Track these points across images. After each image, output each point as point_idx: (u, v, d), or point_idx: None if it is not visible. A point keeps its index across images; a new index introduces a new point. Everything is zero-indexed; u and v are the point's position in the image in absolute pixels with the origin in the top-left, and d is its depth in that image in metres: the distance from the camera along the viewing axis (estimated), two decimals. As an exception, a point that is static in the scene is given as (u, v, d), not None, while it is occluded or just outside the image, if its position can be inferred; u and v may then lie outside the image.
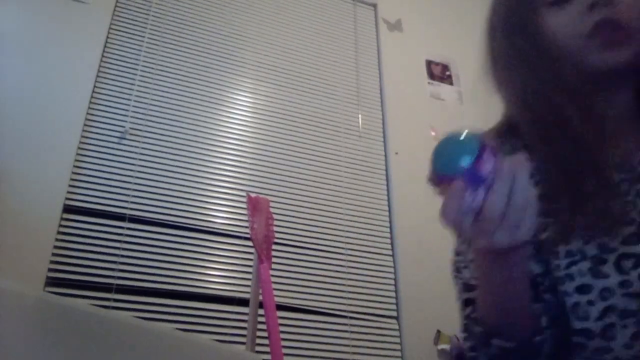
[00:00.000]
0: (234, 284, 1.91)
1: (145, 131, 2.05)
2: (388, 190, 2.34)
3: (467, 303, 0.64)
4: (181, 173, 2.03)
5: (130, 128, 2.03)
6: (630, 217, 0.57)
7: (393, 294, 2.13)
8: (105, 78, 2.08)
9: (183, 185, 2.01)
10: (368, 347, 2.00)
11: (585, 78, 0.62)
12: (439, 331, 2.04)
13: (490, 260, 0.52)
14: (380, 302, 2.10)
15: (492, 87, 0.69)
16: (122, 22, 2.21)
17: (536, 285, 0.60)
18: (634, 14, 0.59)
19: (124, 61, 2.14)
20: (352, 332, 2.00)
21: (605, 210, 0.57)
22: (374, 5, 2.81)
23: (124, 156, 1.97)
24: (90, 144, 1.95)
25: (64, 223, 1.79)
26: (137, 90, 2.10)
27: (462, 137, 0.45)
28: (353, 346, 1.98)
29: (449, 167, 0.45)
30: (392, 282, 2.16)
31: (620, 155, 0.61)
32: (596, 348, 0.57)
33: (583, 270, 0.57)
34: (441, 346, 2.02)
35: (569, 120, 0.61)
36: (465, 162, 0.43)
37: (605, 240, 0.57)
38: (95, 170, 1.91)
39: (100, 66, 2.08)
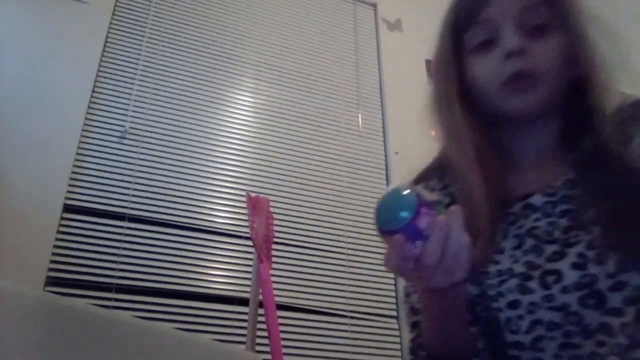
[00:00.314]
0: (234, 284, 1.91)
1: (145, 131, 2.05)
2: (388, 190, 2.34)
3: (414, 326, 0.71)
4: (181, 172, 2.03)
5: (130, 128, 2.03)
6: (554, 237, 0.63)
7: (393, 294, 2.13)
8: (105, 78, 2.08)
9: (183, 185, 2.01)
10: (368, 347, 2.00)
11: (500, 119, 0.70)
12: (439, 331, 2.04)
13: (430, 293, 0.58)
14: (380, 302, 2.10)
15: (432, 125, 0.77)
16: (122, 22, 2.21)
17: (474, 307, 0.65)
18: (544, 63, 0.66)
19: (124, 61, 2.14)
20: (352, 332, 2.00)
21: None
22: (374, 5, 2.81)
23: (124, 156, 1.97)
24: (90, 144, 1.95)
25: (64, 223, 1.79)
26: (137, 90, 2.10)
27: (401, 194, 0.51)
28: (353, 346, 1.98)
29: (391, 223, 0.50)
30: (392, 282, 2.16)
31: (541, 182, 0.67)
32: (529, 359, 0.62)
33: (512, 287, 0.62)
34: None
35: (477, 159, 0.68)
36: (405, 217, 0.49)
37: (531, 258, 0.63)
38: (95, 170, 1.91)
39: (100, 66, 2.08)
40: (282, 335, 1.42)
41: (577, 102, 0.67)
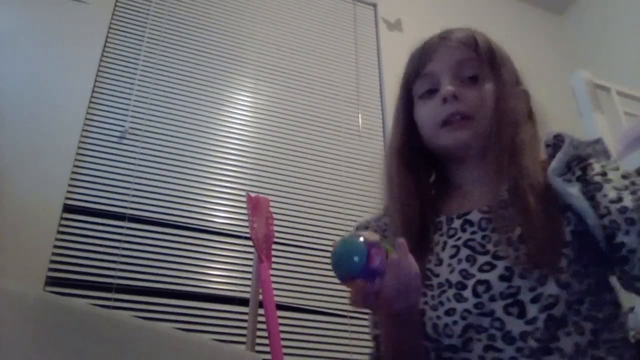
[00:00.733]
0: (234, 284, 1.91)
1: (145, 131, 2.05)
2: (388, 190, 2.33)
3: (375, 338, 0.84)
4: (181, 172, 2.03)
5: (130, 128, 2.03)
6: (486, 249, 0.73)
7: (393, 294, 2.13)
8: (105, 78, 2.08)
9: (183, 185, 2.01)
10: (368, 347, 1.99)
11: (446, 154, 0.83)
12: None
13: (390, 318, 0.70)
14: (380, 301, 2.10)
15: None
16: (122, 22, 2.21)
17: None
18: (473, 107, 0.79)
19: (124, 61, 2.14)
20: (352, 332, 2.00)
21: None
22: (374, 5, 2.81)
23: (124, 156, 1.97)
24: (90, 144, 1.95)
25: (64, 223, 1.79)
26: (137, 90, 2.10)
27: (350, 243, 0.59)
28: (353, 346, 1.98)
29: (348, 271, 0.58)
30: (392, 281, 2.15)
31: (480, 202, 0.78)
32: None
33: (450, 297, 0.72)
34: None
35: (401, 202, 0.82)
36: (359, 263, 0.57)
37: (466, 267, 0.73)
38: (95, 170, 1.91)
39: (100, 66, 2.08)
40: (282, 335, 1.41)
41: (504, 137, 0.77)
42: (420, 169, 0.86)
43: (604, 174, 0.72)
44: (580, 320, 0.66)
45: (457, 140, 0.79)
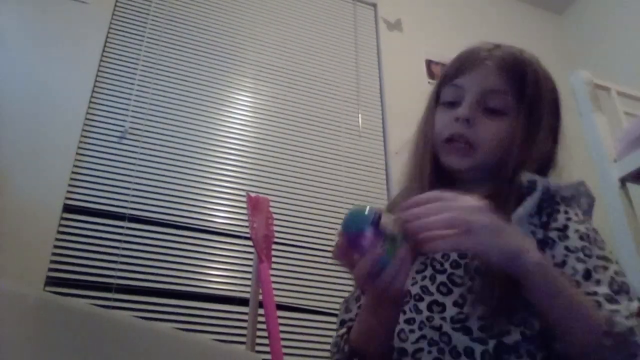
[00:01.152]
0: (234, 284, 1.91)
1: (145, 131, 2.05)
2: (388, 189, 2.34)
3: (341, 323, 0.86)
4: (181, 172, 2.03)
5: (130, 128, 2.03)
6: (444, 268, 0.75)
7: (393, 294, 2.13)
8: (105, 78, 2.08)
9: (183, 185, 2.01)
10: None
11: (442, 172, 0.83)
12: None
13: (373, 306, 0.70)
14: (380, 302, 2.10)
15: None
16: (122, 22, 2.21)
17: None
18: (481, 137, 0.78)
19: (124, 61, 2.14)
20: (352, 332, 2.00)
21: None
22: (374, 5, 2.81)
23: (124, 156, 1.97)
24: (90, 144, 1.95)
25: (64, 223, 1.79)
26: (137, 90, 2.10)
27: (361, 211, 0.62)
28: (353, 346, 1.97)
29: (344, 228, 0.62)
30: (392, 282, 2.15)
31: None
32: None
33: (411, 307, 0.75)
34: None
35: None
36: (354, 230, 0.61)
37: (427, 283, 0.75)
38: (95, 170, 1.91)
39: (100, 66, 2.08)
40: (282, 335, 1.41)
41: (508, 179, 0.77)
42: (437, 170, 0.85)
43: (563, 229, 0.72)
44: (533, 349, 0.67)
45: (453, 164, 0.80)
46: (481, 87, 0.80)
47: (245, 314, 1.53)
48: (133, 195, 1.92)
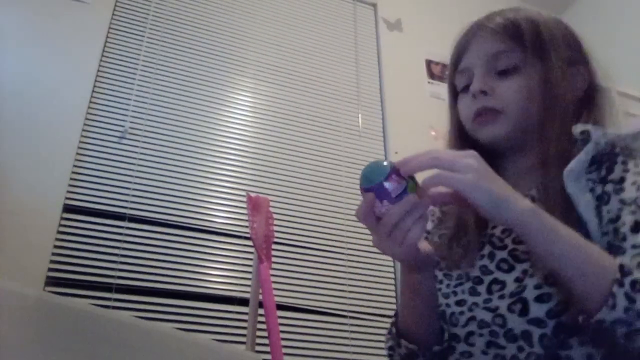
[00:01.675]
0: (234, 284, 1.91)
1: (145, 131, 2.05)
2: (388, 190, 2.33)
3: (396, 315, 0.82)
4: (181, 172, 2.03)
5: (130, 128, 2.02)
6: (504, 244, 0.72)
7: (393, 294, 2.13)
8: (105, 78, 2.08)
9: (183, 185, 2.01)
10: (368, 347, 2.00)
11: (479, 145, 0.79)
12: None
13: (404, 275, 0.70)
14: (380, 302, 2.10)
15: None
16: (122, 22, 2.21)
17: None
18: (505, 101, 0.76)
19: (124, 61, 2.14)
20: (352, 332, 2.00)
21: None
22: (374, 5, 2.81)
23: (124, 156, 1.97)
24: (90, 144, 1.95)
25: (64, 223, 1.79)
26: (137, 90, 2.10)
27: (379, 163, 0.61)
28: (353, 346, 1.98)
29: (365, 182, 0.60)
30: (392, 282, 2.16)
31: None
32: (462, 352, 0.72)
33: (465, 289, 0.74)
34: (441, 346, 2.02)
35: None
36: (376, 179, 0.59)
37: (486, 262, 0.73)
38: (95, 170, 1.91)
39: (100, 66, 2.08)
40: (282, 335, 1.41)
41: (546, 130, 0.74)
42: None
43: (619, 181, 0.66)
44: None
45: (487, 135, 0.78)
46: (485, 54, 0.79)
47: (245, 314, 1.53)
48: (133, 195, 1.92)
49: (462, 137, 0.83)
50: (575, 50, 0.80)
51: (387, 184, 0.59)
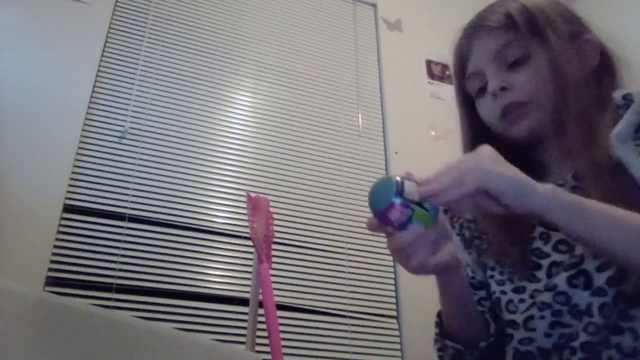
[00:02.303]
0: (234, 284, 1.91)
1: (145, 131, 2.05)
2: (388, 190, 2.33)
3: (439, 315, 0.81)
4: (181, 172, 2.03)
5: (130, 128, 2.02)
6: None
7: (393, 294, 2.13)
8: (105, 78, 2.08)
9: (183, 185, 2.01)
10: (368, 347, 2.00)
11: (512, 143, 0.77)
12: (439, 331, 2.04)
13: (437, 276, 0.68)
14: (380, 302, 2.10)
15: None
16: (122, 21, 2.21)
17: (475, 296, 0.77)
18: (526, 92, 0.74)
19: (123, 61, 2.14)
20: (352, 332, 2.00)
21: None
22: (374, 5, 2.81)
23: (124, 156, 1.97)
24: (90, 144, 1.95)
25: (64, 223, 1.79)
26: (137, 90, 2.10)
27: (384, 185, 0.59)
28: (353, 346, 1.98)
29: (370, 203, 0.60)
30: (392, 282, 2.16)
31: (557, 178, 0.74)
32: (521, 339, 0.69)
33: (522, 275, 0.71)
34: (441, 346, 2.02)
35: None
36: (379, 205, 0.58)
37: (539, 245, 0.70)
38: (95, 170, 1.91)
39: (100, 66, 2.08)
40: (282, 335, 1.41)
41: (570, 109, 0.71)
42: None
43: None
44: None
45: (521, 130, 0.75)
46: (489, 55, 0.77)
47: (245, 314, 1.53)
48: (133, 195, 1.92)
49: (477, 139, 0.80)
50: (574, 24, 0.78)
51: (390, 214, 0.58)
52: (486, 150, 0.59)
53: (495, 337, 0.73)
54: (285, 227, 2.07)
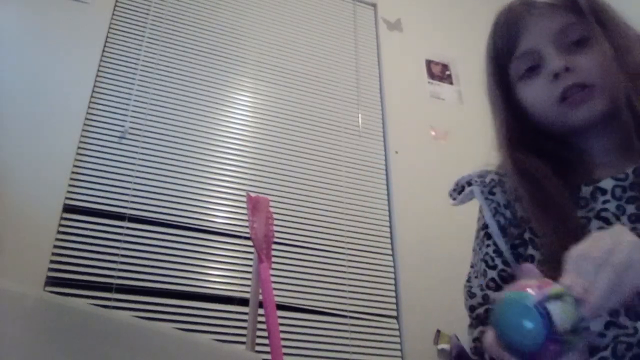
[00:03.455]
0: (234, 284, 1.91)
1: (145, 131, 2.05)
2: (388, 189, 2.34)
3: (471, 309, 0.75)
4: (181, 172, 2.03)
5: (130, 128, 2.03)
6: (621, 222, 0.65)
7: (393, 294, 2.13)
8: (105, 78, 2.08)
9: (183, 185, 2.01)
10: (368, 347, 2.00)
11: (560, 131, 0.74)
12: (438, 331, 2.04)
13: None
14: (380, 302, 2.10)
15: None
16: (122, 22, 2.21)
17: None
18: (592, 74, 0.69)
19: (123, 61, 2.14)
20: (352, 332, 2.00)
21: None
22: (374, 5, 2.81)
23: (124, 156, 1.97)
24: (90, 144, 1.95)
25: (64, 223, 1.79)
26: (137, 90, 2.10)
27: (525, 316, 0.44)
28: (353, 346, 1.98)
29: (502, 338, 0.45)
30: (392, 282, 2.16)
31: (613, 170, 0.69)
32: None
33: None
34: (441, 346, 2.02)
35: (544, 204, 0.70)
36: (522, 346, 0.43)
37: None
38: (95, 170, 1.91)
39: (100, 66, 2.08)
40: (282, 335, 1.41)
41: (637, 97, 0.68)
42: (534, 147, 0.75)
43: None
44: None
45: (584, 114, 0.70)
46: (551, 30, 0.72)
47: (245, 314, 1.53)
48: (133, 195, 1.92)
49: (518, 130, 0.76)
50: (622, 18, 0.76)
51: (541, 358, 0.44)
52: (630, 237, 0.50)
53: None
54: (285, 227, 2.07)
